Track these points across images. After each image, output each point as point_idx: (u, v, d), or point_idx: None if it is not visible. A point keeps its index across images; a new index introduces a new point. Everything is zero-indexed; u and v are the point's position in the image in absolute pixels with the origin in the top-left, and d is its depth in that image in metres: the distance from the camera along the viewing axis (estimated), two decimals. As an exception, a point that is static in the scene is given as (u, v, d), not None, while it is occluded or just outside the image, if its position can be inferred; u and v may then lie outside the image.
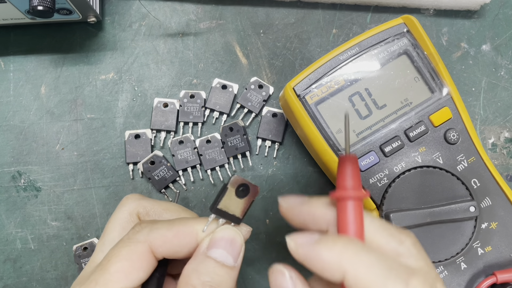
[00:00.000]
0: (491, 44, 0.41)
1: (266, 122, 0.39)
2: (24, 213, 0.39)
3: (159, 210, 0.27)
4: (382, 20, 0.41)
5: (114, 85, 0.40)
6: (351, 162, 0.23)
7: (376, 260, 0.20)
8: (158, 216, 0.27)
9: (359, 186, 0.22)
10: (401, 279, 0.19)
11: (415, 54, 0.33)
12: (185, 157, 0.39)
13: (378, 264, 0.19)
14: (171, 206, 0.28)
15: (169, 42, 0.41)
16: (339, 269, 0.20)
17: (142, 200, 0.28)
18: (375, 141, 0.32)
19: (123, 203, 0.27)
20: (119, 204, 0.28)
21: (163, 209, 0.27)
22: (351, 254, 0.20)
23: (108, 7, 0.41)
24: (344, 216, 0.22)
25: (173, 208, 0.28)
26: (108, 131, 0.40)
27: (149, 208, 0.27)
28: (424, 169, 0.32)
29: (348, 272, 0.19)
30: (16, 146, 0.39)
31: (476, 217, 0.32)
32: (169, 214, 0.27)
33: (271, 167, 0.39)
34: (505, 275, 0.31)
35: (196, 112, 0.39)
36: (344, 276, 0.20)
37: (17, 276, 0.38)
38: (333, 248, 0.20)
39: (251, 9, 0.41)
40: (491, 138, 0.40)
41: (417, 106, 0.33)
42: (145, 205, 0.27)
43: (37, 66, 0.40)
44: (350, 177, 0.22)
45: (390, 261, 0.20)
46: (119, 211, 0.27)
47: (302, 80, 0.33)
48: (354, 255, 0.20)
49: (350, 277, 0.19)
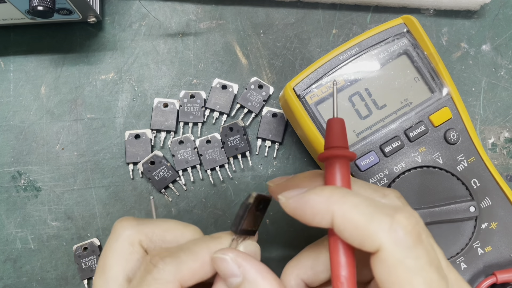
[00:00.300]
0: (491, 44, 0.41)
1: (266, 122, 0.39)
2: (24, 213, 0.39)
3: (160, 233, 0.25)
4: (382, 20, 0.41)
5: (114, 85, 0.40)
6: (338, 123, 0.24)
7: (362, 201, 0.20)
8: (162, 240, 0.25)
9: (346, 146, 0.23)
10: (386, 214, 0.19)
11: (415, 54, 0.33)
12: (185, 157, 0.39)
13: (364, 204, 0.20)
14: (169, 225, 0.25)
15: (169, 42, 0.41)
16: (327, 212, 0.20)
17: (140, 225, 0.24)
18: (375, 141, 0.32)
19: (119, 232, 0.24)
20: (114, 233, 0.24)
21: (164, 230, 0.25)
22: (338, 197, 0.20)
23: (108, 7, 0.41)
24: (332, 173, 0.23)
25: (172, 227, 0.25)
26: (108, 131, 0.40)
27: (151, 234, 0.24)
28: (424, 169, 0.32)
29: (336, 213, 0.20)
30: (16, 146, 0.39)
31: (476, 217, 0.32)
32: (171, 234, 0.25)
33: (271, 167, 0.39)
34: (505, 275, 0.31)
35: (196, 112, 0.39)
36: (332, 218, 0.20)
37: (17, 276, 0.38)
38: (321, 193, 0.21)
39: (251, 9, 0.41)
40: (491, 138, 0.40)
41: (417, 106, 0.33)
42: (145, 232, 0.24)
43: (37, 66, 0.40)
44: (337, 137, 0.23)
45: (375, 202, 0.21)
46: (117, 242, 0.24)
47: (302, 80, 0.33)
48: (341, 198, 0.20)
49: (337, 218, 0.20)
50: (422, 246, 0.19)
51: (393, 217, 0.19)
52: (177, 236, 0.25)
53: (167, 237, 0.25)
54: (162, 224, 0.25)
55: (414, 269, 0.19)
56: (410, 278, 0.19)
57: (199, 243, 0.23)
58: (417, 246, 0.19)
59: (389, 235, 0.19)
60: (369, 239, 0.19)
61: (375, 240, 0.19)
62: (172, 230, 0.25)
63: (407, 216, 0.20)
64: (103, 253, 0.24)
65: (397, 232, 0.19)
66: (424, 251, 0.19)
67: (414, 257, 0.19)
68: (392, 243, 0.19)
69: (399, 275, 0.19)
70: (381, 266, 0.19)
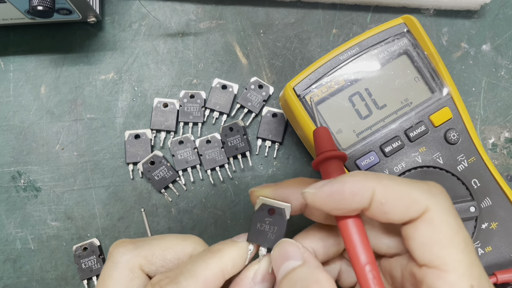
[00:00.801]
0: (491, 44, 0.41)
1: (266, 122, 0.39)
2: (24, 213, 0.39)
3: (160, 253, 0.24)
4: (382, 20, 0.41)
5: (114, 85, 0.40)
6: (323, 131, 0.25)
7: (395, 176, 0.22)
8: (163, 260, 0.24)
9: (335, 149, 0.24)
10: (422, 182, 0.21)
11: (415, 54, 0.33)
12: (185, 157, 0.39)
13: (398, 178, 0.22)
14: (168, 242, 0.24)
15: (169, 42, 0.41)
16: (367, 189, 0.21)
17: (138, 249, 0.23)
18: (375, 141, 0.32)
19: (117, 259, 0.23)
20: (111, 260, 0.23)
21: (163, 249, 0.24)
22: (372, 175, 0.21)
23: (108, 7, 0.41)
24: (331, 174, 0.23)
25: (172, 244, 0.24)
26: (108, 131, 0.40)
27: (150, 256, 0.23)
28: (425, 169, 0.32)
29: (377, 188, 0.21)
30: (16, 146, 0.39)
31: (476, 217, 0.31)
32: (171, 252, 0.24)
33: (271, 167, 0.39)
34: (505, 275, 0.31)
35: (196, 112, 0.39)
36: (373, 193, 0.21)
37: (17, 276, 0.38)
38: (354, 175, 0.21)
39: (251, 9, 0.41)
40: (491, 138, 0.40)
41: (417, 106, 0.33)
42: (144, 254, 0.23)
43: (37, 66, 0.40)
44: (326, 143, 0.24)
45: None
46: (115, 269, 0.23)
47: (302, 80, 0.33)
48: (376, 175, 0.21)
49: (379, 192, 0.21)
50: (455, 208, 0.21)
51: (428, 184, 0.21)
52: (177, 252, 0.24)
53: (168, 255, 0.24)
54: (160, 242, 0.24)
55: (456, 228, 0.20)
56: (453, 236, 0.20)
57: (198, 263, 0.22)
58: (453, 207, 0.21)
59: (432, 198, 0.21)
60: (414, 204, 0.20)
61: (421, 204, 0.20)
62: (172, 248, 0.24)
63: (438, 184, 0.22)
64: (102, 282, 0.23)
65: (438, 195, 0.21)
66: (457, 213, 0.21)
67: (455, 216, 0.21)
68: (436, 204, 0.20)
69: (444, 233, 0.20)
70: (424, 228, 0.20)
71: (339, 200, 0.21)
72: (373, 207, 0.21)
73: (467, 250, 0.20)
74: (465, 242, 0.20)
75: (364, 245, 0.21)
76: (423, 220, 0.20)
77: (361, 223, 0.22)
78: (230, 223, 0.39)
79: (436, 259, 0.20)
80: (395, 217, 0.21)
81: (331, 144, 0.24)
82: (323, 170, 0.24)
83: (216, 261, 0.23)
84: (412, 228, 0.21)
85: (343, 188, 0.21)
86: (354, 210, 0.21)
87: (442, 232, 0.20)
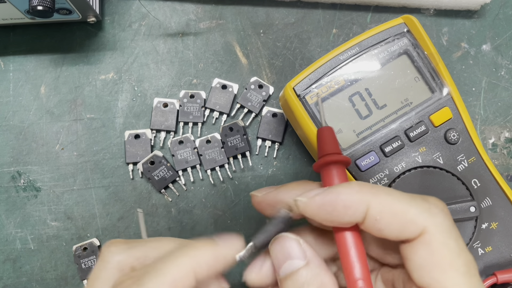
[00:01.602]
0: (491, 44, 0.41)
1: (266, 122, 0.39)
2: (24, 213, 0.39)
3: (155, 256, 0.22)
4: (382, 20, 0.41)
5: (114, 85, 0.40)
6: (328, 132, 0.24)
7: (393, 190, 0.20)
8: None
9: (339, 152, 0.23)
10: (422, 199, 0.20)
11: (415, 54, 0.33)
12: (185, 157, 0.39)
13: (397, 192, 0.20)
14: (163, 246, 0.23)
15: (169, 42, 0.41)
16: (361, 203, 0.20)
17: (131, 249, 0.22)
18: (375, 141, 0.32)
19: (107, 259, 0.22)
20: (102, 260, 0.22)
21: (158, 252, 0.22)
22: (369, 188, 0.20)
23: (108, 7, 0.41)
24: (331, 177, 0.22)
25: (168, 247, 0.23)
26: (108, 131, 0.40)
27: (143, 258, 0.22)
28: (425, 169, 0.32)
29: (372, 202, 0.19)
30: (15, 146, 0.39)
31: (477, 217, 0.31)
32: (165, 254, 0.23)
33: (271, 167, 0.39)
34: (506, 275, 0.31)
35: (196, 112, 0.39)
36: (367, 209, 0.19)
37: (17, 276, 0.38)
38: (350, 186, 0.20)
39: (251, 9, 0.41)
40: (491, 138, 0.40)
41: (417, 106, 0.33)
42: (137, 256, 0.22)
43: (37, 66, 0.40)
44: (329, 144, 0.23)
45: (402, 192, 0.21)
46: (105, 269, 0.21)
47: (302, 80, 0.33)
48: (373, 189, 0.20)
49: (374, 208, 0.19)
50: (456, 228, 0.20)
51: (428, 201, 0.20)
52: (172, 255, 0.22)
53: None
54: (155, 245, 0.23)
55: (456, 250, 0.19)
56: (453, 259, 0.19)
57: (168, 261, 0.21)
58: (454, 227, 0.20)
59: (431, 218, 0.19)
60: (411, 225, 0.19)
61: (418, 225, 0.19)
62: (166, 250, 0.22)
63: (439, 200, 0.20)
64: (90, 282, 0.22)
65: (438, 215, 0.19)
66: (459, 233, 0.20)
67: (455, 238, 0.19)
68: (435, 225, 0.19)
69: (443, 256, 0.19)
70: (422, 250, 0.19)
71: (331, 212, 0.20)
72: (367, 222, 0.20)
73: (469, 273, 0.19)
74: (466, 265, 0.19)
75: (359, 259, 0.20)
76: (421, 242, 0.19)
77: (358, 235, 0.21)
78: (230, 223, 0.39)
79: (435, 283, 0.19)
80: (390, 235, 0.20)
81: (334, 147, 0.23)
82: (323, 175, 0.23)
83: (188, 260, 0.21)
84: (409, 249, 0.20)
85: (336, 200, 0.20)
86: (347, 223, 0.20)
87: (441, 255, 0.19)
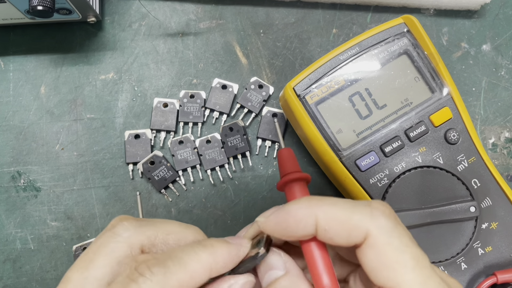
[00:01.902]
0: (491, 44, 0.41)
1: (266, 122, 0.39)
2: (24, 213, 0.38)
3: (163, 236, 0.23)
4: (382, 20, 0.41)
5: (114, 85, 0.40)
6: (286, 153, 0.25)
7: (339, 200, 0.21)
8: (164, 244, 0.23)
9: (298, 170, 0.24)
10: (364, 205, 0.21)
11: (415, 54, 0.33)
12: (185, 157, 0.39)
13: (342, 201, 0.21)
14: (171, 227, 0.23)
15: (169, 42, 0.41)
16: (310, 216, 0.21)
17: (142, 227, 0.22)
18: (375, 141, 0.32)
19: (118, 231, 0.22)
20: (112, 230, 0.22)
21: (167, 233, 0.23)
22: (316, 201, 0.21)
23: (108, 7, 0.41)
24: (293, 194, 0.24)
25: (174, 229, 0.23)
26: (108, 131, 0.40)
27: (153, 237, 0.22)
28: (425, 169, 0.32)
29: (319, 214, 0.21)
30: (15, 146, 0.39)
31: (477, 217, 0.31)
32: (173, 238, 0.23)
33: (271, 167, 0.39)
34: (506, 275, 0.31)
35: (196, 112, 0.39)
36: (316, 221, 0.21)
37: (17, 276, 0.38)
38: (299, 202, 0.21)
39: (251, 9, 0.41)
40: (491, 138, 0.40)
41: (417, 106, 0.33)
42: (148, 235, 0.22)
43: (37, 66, 0.40)
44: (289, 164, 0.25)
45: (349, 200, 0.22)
46: (115, 241, 0.21)
47: (302, 80, 0.33)
48: (319, 201, 0.21)
49: (321, 219, 0.21)
50: (400, 226, 0.21)
51: (370, 206, 0.21)
52: (180, 239, 0.23)
53: (169, 240, 0.23)
54: (164, 226, 0.23)
55: (401, 247, 0.20)
56: (398, 256, 0.20)
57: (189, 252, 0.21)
58: (397, 226, 0.20)
59: (373, 222, 0.20)
60: (355, 230, 0.20)
61: (361, 229, 0.20)
62: (175, 233, 0.23)
63: (381, 203, 0.21)
64: (93, 248, 0.21)
65: (379, 218, 0.20)
66: (404, 230, 0.21)
67: (398, 236, 0.20)
68: (377, 228, 0.20)
69: (389, 255, 0.20)
70: (370, 252, 0.20)
71: (285, 228, 0.21)
72: (319, 233, 0.21)
73: (418, 266, 0.20)
74: (414, 259, 0.20)
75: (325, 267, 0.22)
76: (367, 245, 0.20)
77: (321, 245, 0.22)
78: (230, 223, 0.39)
79: (388, 282, 0.20)
80: (341, 242, 0.21)
81: (293, 166, 0.25)
82: (286, 193, 0.24)
83: (207, 256, 0.21)
84: (360, 253, 0.21)
85: (288, 217, 0.21)
86: (304, 236, 0.21)
87: (387, 255, 0.20)
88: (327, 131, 0.32)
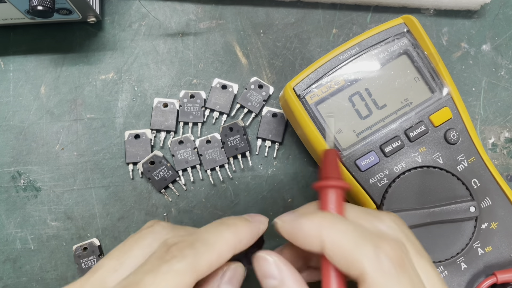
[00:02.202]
0: (491, 44, 0.41)
1: (266, 122, 0.39)
2: (24, 213, 0.39)
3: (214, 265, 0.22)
4: (382, 20, 0.41)
5: (114, 85, 0.40)
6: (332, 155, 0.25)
7: (351, 227, 0.21)
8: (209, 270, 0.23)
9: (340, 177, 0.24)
10: (371, 241, 0.20)
11: (415, 54, 0.33)
12: (185, 157, 0.39)
13: (352, 231, 0.21)
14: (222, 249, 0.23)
15: (169, 42, 0.41)
16: (317, 237, 0.21)
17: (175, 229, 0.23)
18: (375, 141, 0.32)
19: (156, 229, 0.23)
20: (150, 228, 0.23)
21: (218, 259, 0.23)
22: (328, 223, 0.21)
23: (108, 7, 0.41)
24: (325, 200, 0.23)
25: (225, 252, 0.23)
26: (108, 131, 0.40)
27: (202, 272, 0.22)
28: (424, 169, 0.32)
29: (325, 238, 0.21)
30: (16, 146, 0.39)
31: (476, 217, 0.31)
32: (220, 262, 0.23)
33: (271, 167, 0.39)
34: (506, 275, 0.31)
35: (196, 112, 0.39)
36: (322, 244, 0.21)
37: (17, 276, 0.38)
38: (312, 219, 0.21)
39: (251, 9, 0.41)
40: (491, 138, 0.40)
41: (417, 106, 0.33)
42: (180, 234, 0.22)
43: (37, 66, 0.40)
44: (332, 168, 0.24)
45: (365, 229, 0.21)
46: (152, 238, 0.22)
47: (302, 80, 0.33)
48: (331, 224, 0.21)
49: (327, 243, 0.21)
50: (405, 273, 0.20)
51: (377, 245, 0.20)
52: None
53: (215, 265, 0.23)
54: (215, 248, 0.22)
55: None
56: None
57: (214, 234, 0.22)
58: (400, 273, 0.19)
59: (372, 262, 0.19)
60: (353, 265, 0.20)
61: (359, 267, 0.20)
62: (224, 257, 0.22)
63: (392, 244, 0.20)
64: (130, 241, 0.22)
65: (381, 260, 0.20)
66: (407, 278, 0.20)
67: (397, 284, 0.19)
68: (375, 270, 0.19)
69: None
70: None
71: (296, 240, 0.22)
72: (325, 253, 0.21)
73: None
74: None
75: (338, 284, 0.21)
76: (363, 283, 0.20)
77: None
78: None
79: None
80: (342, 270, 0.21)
81: (336, 171, 0.24)
82: (320, 196, 0.24)
83: (232, 236, 0.22)
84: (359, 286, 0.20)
85: (298, 230, 0.22)
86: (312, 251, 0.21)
87: None
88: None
